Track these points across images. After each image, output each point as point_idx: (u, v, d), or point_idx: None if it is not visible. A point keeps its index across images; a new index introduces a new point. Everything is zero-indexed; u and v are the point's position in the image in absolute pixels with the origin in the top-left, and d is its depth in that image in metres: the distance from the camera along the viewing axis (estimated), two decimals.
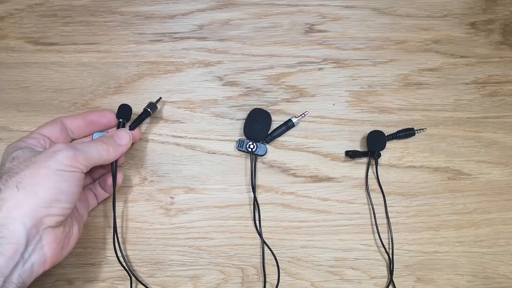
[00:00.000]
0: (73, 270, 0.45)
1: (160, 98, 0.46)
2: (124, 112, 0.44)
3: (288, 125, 0.47)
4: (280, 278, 0.45)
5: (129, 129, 0.43)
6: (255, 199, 0.46)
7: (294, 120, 0.47)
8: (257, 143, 0.46)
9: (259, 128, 0.46)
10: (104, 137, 0.40)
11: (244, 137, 0.47)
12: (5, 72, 0.48)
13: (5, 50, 0.48)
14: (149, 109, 0.44)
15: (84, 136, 0.43)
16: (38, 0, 0.49)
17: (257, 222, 0.46)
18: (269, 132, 0.47)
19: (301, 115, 0.47)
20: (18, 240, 0.32)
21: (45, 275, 0.44)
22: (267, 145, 0.47)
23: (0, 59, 0.48)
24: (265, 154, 0.47)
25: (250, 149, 0.46)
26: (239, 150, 0.47)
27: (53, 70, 0.48)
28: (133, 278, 0.44)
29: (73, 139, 0.42)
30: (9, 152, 0.36)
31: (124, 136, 0.41)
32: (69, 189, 0.34)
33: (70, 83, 0.48)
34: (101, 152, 0.38)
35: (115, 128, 0.43)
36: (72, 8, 0.49)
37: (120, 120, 0.43)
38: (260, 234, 0.46)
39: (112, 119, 0.43)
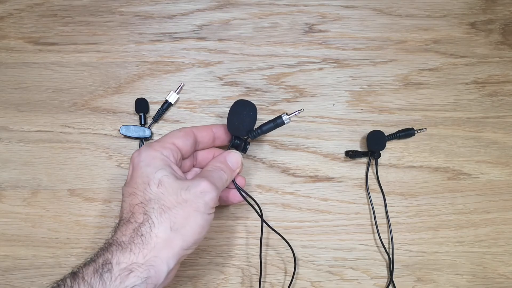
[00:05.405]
0: None
1: None
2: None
3: (277, 122, 0.41)
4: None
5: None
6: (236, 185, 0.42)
7: (284, 117, 0.41)
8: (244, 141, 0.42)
9: (242, 122, 0.40)
10: (224, 166, 0.39)
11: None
12: (5, 72, 0.48)
13: (5, 50, 0.48)
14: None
15: (203, 148, 0.42)
16: (38, 0, 0.49)
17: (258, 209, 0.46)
18: (255, 128, 0.41)
19: (294, 113, 0.41)
20: (158, 280, 0.32)
21: (45, 275, 0.44)
22: (251, 142, 0.44)
23: (0, 59, 0.48)
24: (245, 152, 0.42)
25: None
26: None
27: (53, 70, 0.48)
28: None
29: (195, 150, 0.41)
30: (149, 164, 0.35)
31: (237, 161, 0.40)
32: (206, 231, 0.35)
33: (70, 83, 0.48)
34: (225, 185, 0.38)
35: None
36: (72, 8, 0.49)
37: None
38: (262, 218, 0.46)
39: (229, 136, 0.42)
